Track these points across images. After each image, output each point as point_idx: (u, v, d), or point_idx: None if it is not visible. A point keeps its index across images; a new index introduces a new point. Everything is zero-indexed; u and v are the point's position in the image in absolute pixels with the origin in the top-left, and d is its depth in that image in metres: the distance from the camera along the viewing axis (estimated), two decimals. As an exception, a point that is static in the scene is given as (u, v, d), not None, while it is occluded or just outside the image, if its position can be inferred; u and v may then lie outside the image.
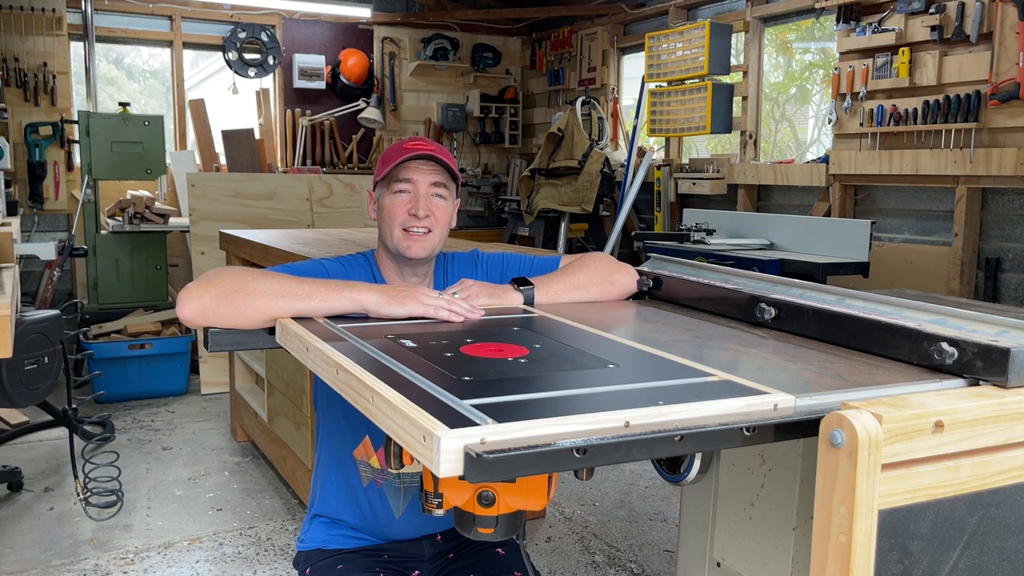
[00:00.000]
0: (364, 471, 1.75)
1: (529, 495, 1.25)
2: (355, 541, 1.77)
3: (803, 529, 1.38)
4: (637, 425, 1.00)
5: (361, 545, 1.77)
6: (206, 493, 3.32)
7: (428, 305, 1.57)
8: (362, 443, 1.72)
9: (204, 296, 1.47)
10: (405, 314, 1.58)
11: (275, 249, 3.07)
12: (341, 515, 1.77)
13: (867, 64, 4.21)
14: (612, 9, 6.16)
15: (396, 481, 1.74)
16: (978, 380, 1.17)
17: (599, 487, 3.41)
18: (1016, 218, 3.83)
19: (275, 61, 6.36)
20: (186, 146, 6.33)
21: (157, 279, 4.97)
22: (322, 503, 1.80)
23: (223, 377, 4.64)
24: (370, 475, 1.74)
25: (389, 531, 1.77)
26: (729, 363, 1.31)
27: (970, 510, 1.06)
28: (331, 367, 1.26)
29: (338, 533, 1.78)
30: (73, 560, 2.73)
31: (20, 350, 2.74)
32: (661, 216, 5.65)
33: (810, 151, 5.56)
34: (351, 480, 1.76)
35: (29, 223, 5.61)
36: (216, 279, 1.50)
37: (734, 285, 1.68)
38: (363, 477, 1.75)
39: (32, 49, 5.55)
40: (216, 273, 1.52)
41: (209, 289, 1.48)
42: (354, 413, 1.49)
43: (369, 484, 1.74)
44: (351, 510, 1.77)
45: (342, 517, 1.77)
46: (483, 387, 1.12)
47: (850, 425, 0.95)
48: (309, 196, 5.30)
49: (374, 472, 1.74)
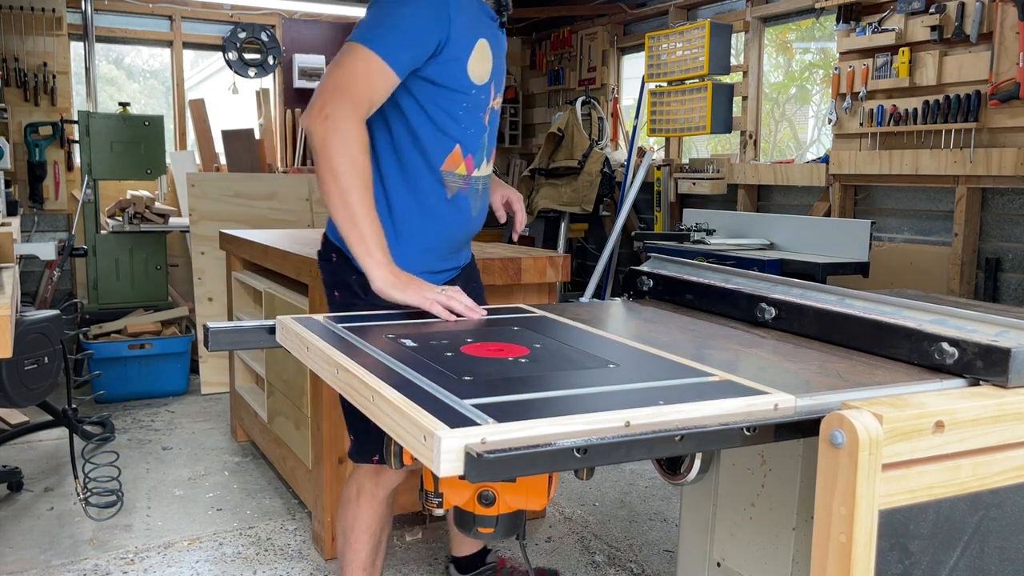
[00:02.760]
0: (452, 181, 1.89)
1: (529, 495, 1.25)
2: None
3: (803, 529, 1.38)
4: (637, 425, 1.00)
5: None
6: (206, 493, 3.32)
7: (426, 299, 1.67)
8: (450, 155, 1.87)
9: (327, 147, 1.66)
10: (402, 300, 1.68)
11: (275, 249, 3.07)
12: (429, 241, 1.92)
13: (867, 64, 4.21)
14: (612, 9, 6.16)
15: (476, 183, 1.95)
16: (978, 380, 1.17)
17: (599, 487, 3.40)
18: (1016, 218, 3.83)
19: (275, 61, 6.36)
20: (186, 146, 6.33)
21: (157, 279, 4.97)
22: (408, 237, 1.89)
23: (223, 377, 4.64)
24: (457, 183, 1.90)
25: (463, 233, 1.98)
26: (729, 363, 1.31)
27: (970, 510, 1.06)
28: (331, 367, 1.26)
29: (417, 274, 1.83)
30: (73, 560, 2.73)
31: (20, 350, 2.74)
32: (661, 216, 5.65)
33: (810, 151, 5.56)
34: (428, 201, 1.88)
35: (29, 223, 5.61)
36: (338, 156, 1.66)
37: (734, 285, 1.68)
38: (449, 188, 1.89)
39: (32, 49, 5.55)
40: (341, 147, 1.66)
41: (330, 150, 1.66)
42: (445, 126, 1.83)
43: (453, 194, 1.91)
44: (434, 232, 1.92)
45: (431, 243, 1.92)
46: (483, 387, 1.12)
47: (851, 425, 0.96)
48: (309, 196, 5.30)
49: (460, 179, 1.90)
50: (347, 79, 1.70)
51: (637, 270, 1.93)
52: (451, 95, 1.81)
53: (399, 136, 1.84)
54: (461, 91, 1.82)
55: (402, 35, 1.71)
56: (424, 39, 1.73)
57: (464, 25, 1.78)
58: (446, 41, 1.75)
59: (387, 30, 1.71)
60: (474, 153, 1.91)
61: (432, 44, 1.74)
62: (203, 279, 4.90)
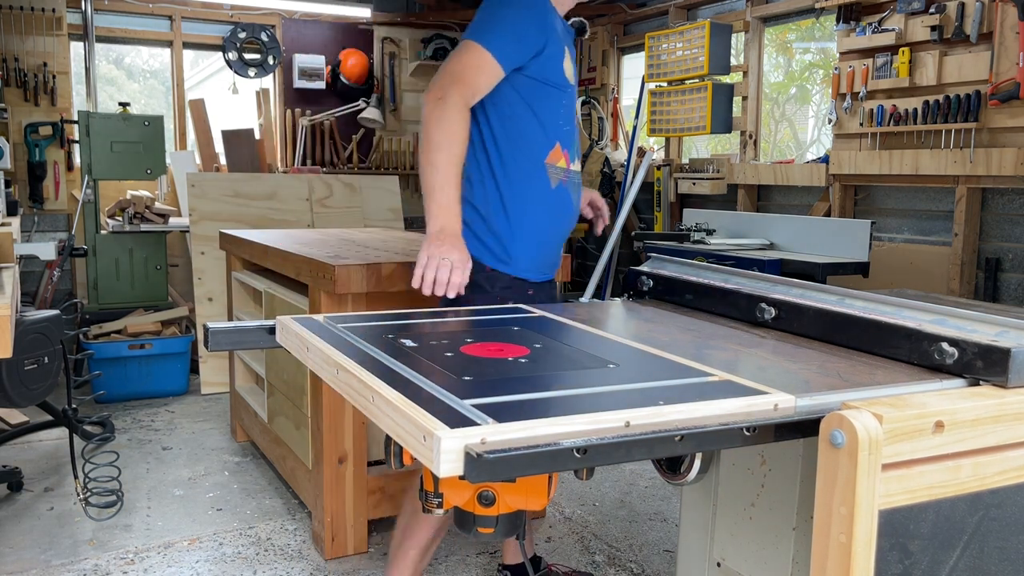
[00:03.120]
0: (555, 174, 2.11)
1: (529, 495, 1.25)
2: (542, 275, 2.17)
3: (803, 529, 1.38)
4: (637, 425, 1.00)
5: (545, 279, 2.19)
6: (206, 493, 3.33)
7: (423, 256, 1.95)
8: (553, 148, 2.10)
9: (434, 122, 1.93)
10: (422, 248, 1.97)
11: (275, 249, 3.07)
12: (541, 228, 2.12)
13: (867, 64, 4.21)
14: (612, 9, 6.16)
15: (573, 177, 2.17)
16: (978, 380, 1.17)
17: (599, 487, 3.41)
18: (1016, 218, 3.83)
19: (275, 61, 6.36)
20: (186, 146, 6.33)
21: (157, 279, 4.97)
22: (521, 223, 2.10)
23: (223, 377, 4.64)
24: (559, 176, 2.12)
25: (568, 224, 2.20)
26: (729, 363, 1.31)
27: (970, 510, 1.06)
28: (331, 367, 1.26)
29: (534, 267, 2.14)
30: (73, 560, 2.73)
31: (20, 350, 2.74)
32: (661, 216, 5.65)
33: (810, 151, 5.56)
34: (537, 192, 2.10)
35: (29, 223, 5.61)
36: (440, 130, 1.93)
37: (734, 285, 1.68)
38: (552, 180, 2.10)
39: (32, 49, 5.55)
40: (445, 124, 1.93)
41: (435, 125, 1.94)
42: (547, 122, 2.07)
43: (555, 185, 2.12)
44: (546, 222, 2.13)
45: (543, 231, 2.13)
46: (483, 387, 1.12)
47: (850, 425, 0.96)
48: (309, 196, 5.30)
49: (561, 172, 2.12)
50: (460, 70, 1.98)
51: (637, 270, 1.93)
52: (552, 92, 2.08)
53: (510, 131, 2.08)
54: (559, 87, 2.09)
55: (509, 35, 1.99)
56: (528, 39, 2.00)
57: (559, 33, 2.08)
58: (546, 43, 2.02)
59: (497, 30, 1.99)
60: (569, 149, 2.15)
61: (535, 45, 2.01)
62: (203, 279, 4.90)
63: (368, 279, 2.56)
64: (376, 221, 5.49)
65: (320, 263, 2.62)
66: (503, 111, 2.06)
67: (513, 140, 2.07)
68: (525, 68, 2.03)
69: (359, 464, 2.75)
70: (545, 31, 2.02)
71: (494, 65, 1.97)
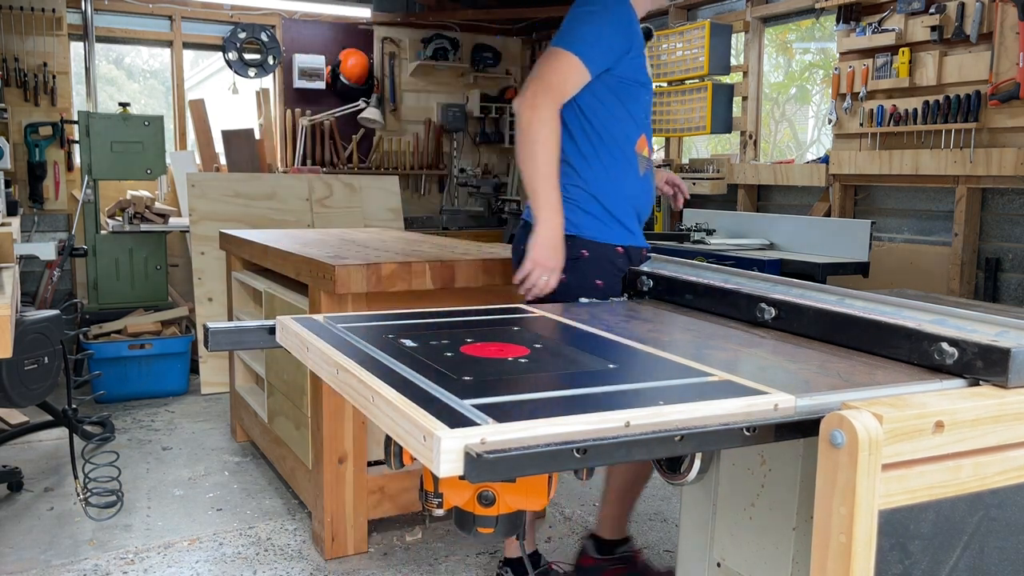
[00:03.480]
0: (640, 162, 2.33)
1: (529, 495, 1.25)
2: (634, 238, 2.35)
3: (803, 529, 1.38)
4: (637, 425, 1.00)
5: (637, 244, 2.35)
6: (206, 493, 3.33)
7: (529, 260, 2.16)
8: (640, 139, 2.31)
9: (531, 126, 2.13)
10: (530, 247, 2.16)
11: (275, 249, 3.07)
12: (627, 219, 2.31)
13: (867, 64, 4.21)
14: (612, 9, 6.16)
15: (652, 166, 2.41)
16: (978, 380, 1.17)
17: (599, 487, 3.41)
18: (1016, 218, 3.83)
19: (275, 61, 6.36)
20: (186, 146, 6.33)
21: (157, 279, 4.97)
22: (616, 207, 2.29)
23: (223, 377, 4.64)
24: (644, 164, 2.34)
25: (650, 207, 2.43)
26: (729, 363, 1.31)
27: (970, 510, 1.06)
28: (331, 367, 1.26)
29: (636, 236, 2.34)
30: (73, 560, 2.73)
31: (20, 350, 2.74)
32: (661, 216, 5.65)
33: (810, 151, 5.56)
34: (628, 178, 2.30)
35: (29, 223, 5.61)
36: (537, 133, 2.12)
37: (734, 285, 1.68)
38: (640, 167, 2.32)
39: (32, 49, 5.55)
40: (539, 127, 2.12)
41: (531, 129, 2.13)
42: (636, 115, 2.28)
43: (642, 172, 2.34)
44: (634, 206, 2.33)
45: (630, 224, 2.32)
46: (483, 387, 1.12)
47: (850, 425, 0.95)
48: (309, 196, 5.30)
49: (645, 161, 2.35)
50: (550, 75, 2.16)
51: (637, 270, 1.93)
52: (638, 89, 2.27)
53: (604, 125, 2.26)
54: (644, 84, 2.29)
55: (596, 41, 2.16)
56: (614, 44, 2.18)
57: (639, 36, 2.27)
58: (631, 46, 2.21)
59: (586, 37, 2.16)
60: (649, 140, 2.39)
61: (620, 49, 2.19)
62: (203, 279, 4.90)
63: (368, 279, 2.56)
64: (376, 221, 5.49)
65: (320, 263, 2.62)
66: (597, 108, 2.25)
67: (606, 134, 2.26)
68: (614, 68, 2.20)
69: (359, 464, 2.75)
70: (629, 36, 2.21)
71: (582, 70, 2.15)
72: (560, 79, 2.15)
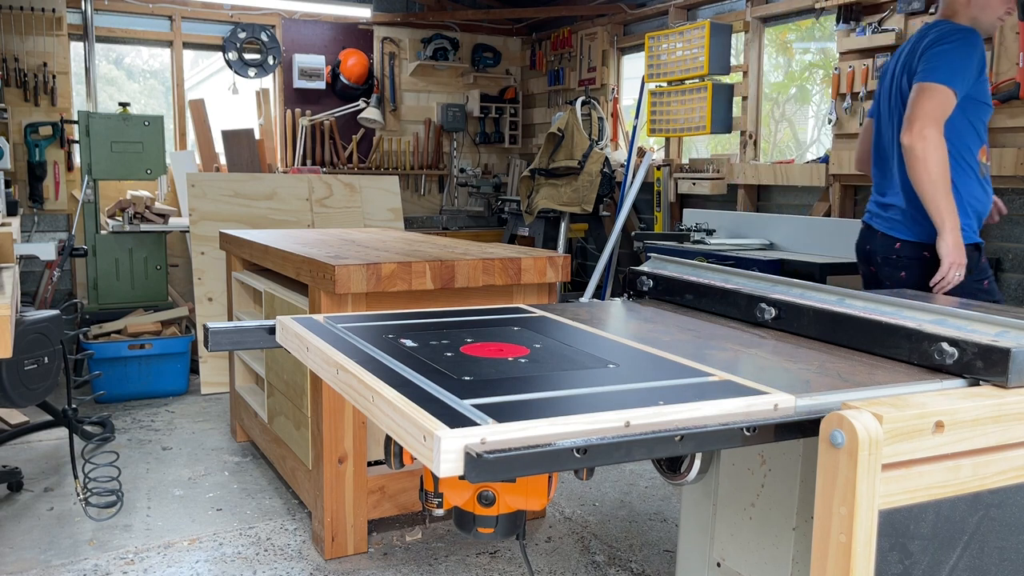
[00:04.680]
0: (983, 168, 2.77)
1: (529, 495, 1.25)
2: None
3: (803, 529, 1.38)
4: (637, 425, 1.00)
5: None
6: (206, 493, 3.33)
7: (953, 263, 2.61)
8: (981, 148, 2.76)
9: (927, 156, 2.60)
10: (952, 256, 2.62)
11: (275, 249, 3.07)
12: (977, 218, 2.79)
13: (867, 64, 4.21)
14: (612, 9, 6.16)
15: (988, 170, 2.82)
16: (978, 380, 1.17)
17: (599, 487, 3.41)
18: (1016, 218, 3.83)
19: (275, 61, 6.37)
20: (186, 146, 6.33)
21: (157, 279, 4.97)
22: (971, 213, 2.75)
23: (223, 377, 4.64)
24: (985, 170, 2.78)
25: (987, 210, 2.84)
26: (729, 363, 1.31)
27: (970, 510, 1.06)
28: (331, 367, 1.26)
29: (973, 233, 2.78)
30: (73, 560, 2.73)
31: (20, 350, 2.74)
32: (661, 216, 5.65)
33: (810, 151, 5.55)
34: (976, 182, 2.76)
35: (29, 223, 5.61)
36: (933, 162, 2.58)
37: (734, 285, 1.68)
38: (982, 172, 2.76)
39: (32, 49, 5.55)
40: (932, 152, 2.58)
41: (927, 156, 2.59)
42: (980, 130, 2.76)
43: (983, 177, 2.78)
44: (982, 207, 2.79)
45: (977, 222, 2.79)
46: (483, 387, 1.12)
47: (850, 425, 0.95)
48: (309, 196, 5.30)
49: (985, 167, 2.78)
50: (932, 108, 2.59)
51: (637, 270, 1.93)
52: (985, 109, 2.75)
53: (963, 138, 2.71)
54: (989, 105, 2.76)
55: (962, 73, 2.62)
56: (972, 73, 2.65)
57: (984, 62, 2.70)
58: (980, 71, 2.67)
59: (956, 72, 2.61)
60: (987, 150, 2.82)
61: (974, 76, 2.66)
62: (203, 279, 4.90)
63: (368, 279, 2.56)
64: (376, 221, 5.49)
65: (320, 263, 2.62)
66: (957, 127, 2.69)
67: (964, 146, 2.71)
68: (969, 91, 2.66)
69: (359, 464, 2.75)
70: (980, 63, 2.66)
71: (953, 99, 2.61)
72: (941, 111, 2.59)
